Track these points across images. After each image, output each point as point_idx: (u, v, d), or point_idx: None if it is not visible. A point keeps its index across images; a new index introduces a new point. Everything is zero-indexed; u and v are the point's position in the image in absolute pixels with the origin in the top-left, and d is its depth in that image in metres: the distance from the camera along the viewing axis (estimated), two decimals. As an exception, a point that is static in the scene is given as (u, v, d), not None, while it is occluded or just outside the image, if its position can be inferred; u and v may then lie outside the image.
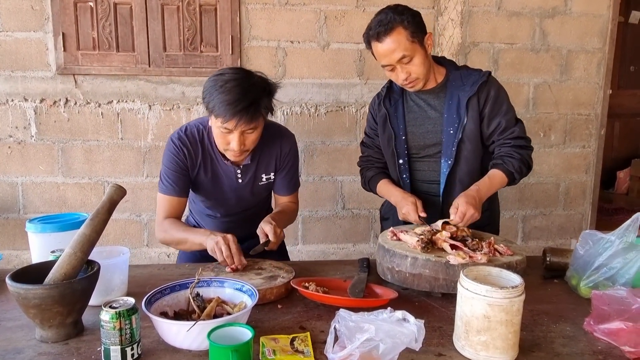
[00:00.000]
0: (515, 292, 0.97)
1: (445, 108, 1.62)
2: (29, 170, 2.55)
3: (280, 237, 1.48)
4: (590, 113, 2.91)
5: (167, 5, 2.45)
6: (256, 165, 1.63)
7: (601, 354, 1.03)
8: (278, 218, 1.56)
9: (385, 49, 1.51)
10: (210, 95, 1.41)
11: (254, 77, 1.45)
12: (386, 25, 1.50)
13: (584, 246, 1.34)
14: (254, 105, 1.39)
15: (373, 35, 1.53)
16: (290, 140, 1.68)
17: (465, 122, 1.59)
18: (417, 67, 1.54)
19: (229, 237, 1.39)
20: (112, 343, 0.94)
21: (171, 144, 1.57)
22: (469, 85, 1.59)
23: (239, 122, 1.39)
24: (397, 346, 0.93)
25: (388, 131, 1.69)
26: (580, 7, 2.77)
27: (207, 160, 1.59)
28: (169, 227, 1.55)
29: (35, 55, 2.45)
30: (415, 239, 1.34)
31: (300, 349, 1.03)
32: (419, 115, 1.66)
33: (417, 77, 1.56)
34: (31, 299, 1.00)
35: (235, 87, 1.38)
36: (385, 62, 1.54)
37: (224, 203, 1.67)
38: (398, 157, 1.69)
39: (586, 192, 3.00)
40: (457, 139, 1.59)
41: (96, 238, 1.13)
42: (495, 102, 1.60)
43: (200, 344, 0.99)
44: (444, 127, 1.62)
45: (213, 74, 1.45)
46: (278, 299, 1.29)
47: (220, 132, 1.45)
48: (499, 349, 0.98)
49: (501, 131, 1.60)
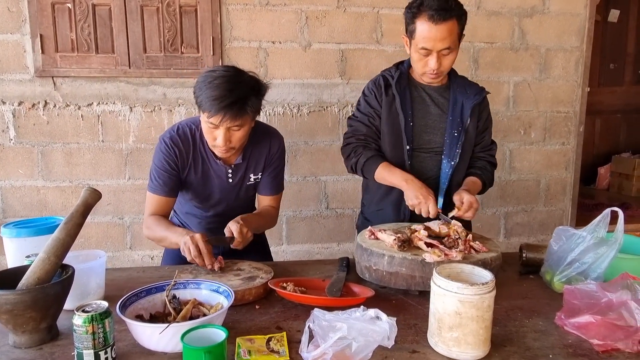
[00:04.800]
0: (485, 288, 0.98)
1: (450, 110, 1.67)
2: (8, 174, 2.52)
3: (246, 237, 1.47)
4: (570, 110, 2.96)
5: (146, 6, 2.44)
6: (246, 165, 1.64)
7: (571, 347, 1.06)
8: (250, 219, 1.55)
9: (437, 34, 1.50)
10: (200, 90, 1.44)
11: (243, 76, 1.47)
12: (449, 11, 1.49)
13: (558, 242, 1.36)
14: (240, 102, 1.41)
15: (430, 15, 1.48)
16: (280, 141, 1.70)
17: (468, 126, 1.66)
18: (450, 62, 1.59)
19: (197, 237, 1.38)
20: (85, 347, 0.94)
21: (162, 144, 1.57)
22: (473, 94, 1.68)
23: (223, 117, 1.40)
24: (369, 344, 0.94)
25: (396, 115, 1.64)
26: (558, 6, 2.82)
27: (198, 159, 1.60)
28: (152, 224, 1.57)
29: (12, 57, 2.42)
30: (392, 238, 1.35)
31: (276, 349, 1.03)
32: (423, 107, 1.69)
33: (443, 72, 1.61)
34: (3, 305, 0.99)
35: (223, 84, 1.40)
36: (428, 45, 1.52)
37: (212, 203, 1.68)
38: (407, 142, 1.64)
39: (566, 189, 3.05)
40: (461, 141, 1.65)
41: (70, 242, 1.12)
42: (488, 118, 1.77)
43: (175, 346, 0.99)
44: (448, 129, 1.66)
45: (206, 70, 1.48)
46: (256, 299, 1.29)
47: (207, 128, 1.47)
48: (471, 344, 0.99)
49: (483, 145, 1.77)
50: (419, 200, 1.51)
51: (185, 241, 1.38)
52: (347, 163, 1.74)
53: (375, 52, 2.68)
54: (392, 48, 2.69)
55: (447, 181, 1.66)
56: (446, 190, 1.66)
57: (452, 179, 1.67)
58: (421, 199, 1.51)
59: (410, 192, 1.54)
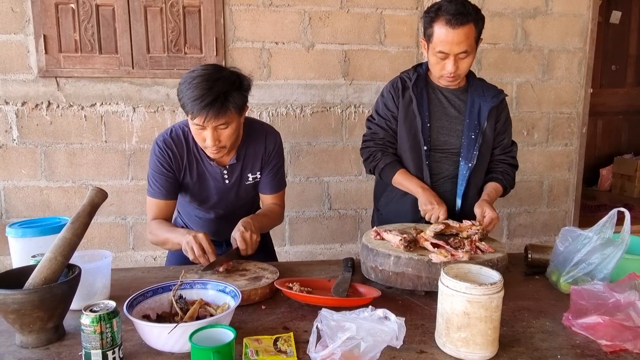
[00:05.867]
0: (494, 288, 0.98)
1: (467, 113, 1.68)
2: (11, 175, 2.52)
3: (254, 242, 1.45)
4: (572, 112, 2.96)
5: (150, 7, 2.44)
6: (242, 165, 1.62)
7: (579, 347, 1.05)
8: (254, 222, 1.51)
9: (454, 37, 1.52)
10: (182, 93, 1.41)
11: (222, 72, 1.43)
12: (466, 15, 1.51)
13: (564, 242, 1.36)
14: (220, 99, 1.37)
15: (448, 19, 1.51)
16: (275, 137, 1.67)
17: (485, 128, 1.66)
18: (467, 65, 1.60)
19: (200, 236, 1.37)
20: (92, 347, 0.94)
21: (156, 147, 1.56)
22: (490, 96, 1.69)
23: (207, 117, 1.38)
24: (378, 344, 0.94)
25: (413, 116, 1.67)
26: (561, 8, 2.82)
27: (192, 162, 1.58)
28: (154, 228, 1.55)
29: (16, 58, 2.42)
30: (398, 238, 1.35)
31: (284, 349, 1.03)
32: (440, 109, 1.70)
33: (460, 75, 1.62)
34: (10, 304, 0.99)
35: (202, 83, 1.37)
36: (446, 49, 1.55)
37: (211, 204, 1.67)
38: (424, 143, 1.66)
39: (569, 190, 3.05)
40: (479, 144, 1.66)
41: (77, 242, 1.12)
42: (507, 120, 1.76)
43: (182, 346, 0.99)
44: (465, 131, 1.67)
45: (188, 71, 1.45)
46: (262, 299, 1.29)
47: (195, 129, 1.45)
48: (479, 344, 0.99)
49: (503, 147, 1.76)
50: (432, 206, 1.55)
51: (188, 240, 1.37)
52: (365, 165, 1.81)
53: (378, 53, 2.68)
54: (396, 49, 2.69)
55: (465, 183, 1.67)
56: (464, 192, 1.67)
57: (470, 181, 1.67)
58: (435, 204, 1.55)
59: (424, 198, 1.59)
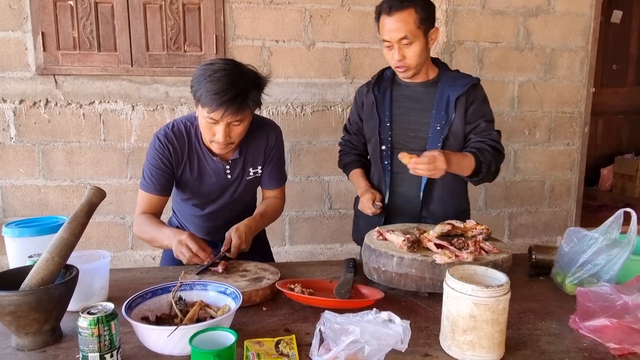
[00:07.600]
0: (500, 290, 0.96)
1: (434, 105, 1.64)
2: (8, 173, 2.49)
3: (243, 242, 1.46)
4: (574, 111, 2.94)
5: (149, 4, 2.42)
6: (244, 160, 1.60)
7: (586, 350, 1.03)
8: (250, 224, 1.52)
9: (391, 24, 1.53)
10: (199, 84, 1.38)
11: (243, 69, 1.43)
12: (402, 2, 1.52)
13: (569, 243, 1.34)
14: (242, 96, 1.37)
15: (385, 8, 1.54)
16: (277, 132, 1.67)
17: (452, 119, 1.61)
18: (414, 54, 1.56)
19: (185, 238, 1.37)
20: (90, 350, 0.91)
21: (156, 141, 1.53)
22: (460, 85, 1.63)
23: (225, 112, 1.36)
24: (382, 348, 0.92)
25: (374, 117, 1.69)
26: (563, 6, 2.80)
27: (193, 157, 1.56)
28: (142, 223, 1.53)
29: (14, 55, 2.39)
30: (402, 239, 1.33)
31: (285, 352, 1.01)
32: (405, 105, 1.68)
33: (410, 64, 1.58)
34: (6, 306, 0.97)
35: (224, 77, 1.36)
36: (387, 37, 1.56)
37: (210, 201, 1.65)
38: (381, 143, 1.69)
39: (571, 189, 3.03)
40: (443, 135, 1.61)
41: (75, 242, 1.10)
42: (480, 105, 1.64)
43: (182, 349, 0.97)
44: (431, 123, 1.63)
45: (203, 63, 1.43)
46: (263, 301, 1.27)
47: (206, 123, 1.42)
48: (485, 348, 0.97)
49: (480, 131, 1.64)
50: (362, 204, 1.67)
51: (176, 248, 1.37)
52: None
53: (379, 52, 2.66)
54: (397, 47, 2.67)
55: (426, 178, 1.63)
56: (427, 185, 1.64)
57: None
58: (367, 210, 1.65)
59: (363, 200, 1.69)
